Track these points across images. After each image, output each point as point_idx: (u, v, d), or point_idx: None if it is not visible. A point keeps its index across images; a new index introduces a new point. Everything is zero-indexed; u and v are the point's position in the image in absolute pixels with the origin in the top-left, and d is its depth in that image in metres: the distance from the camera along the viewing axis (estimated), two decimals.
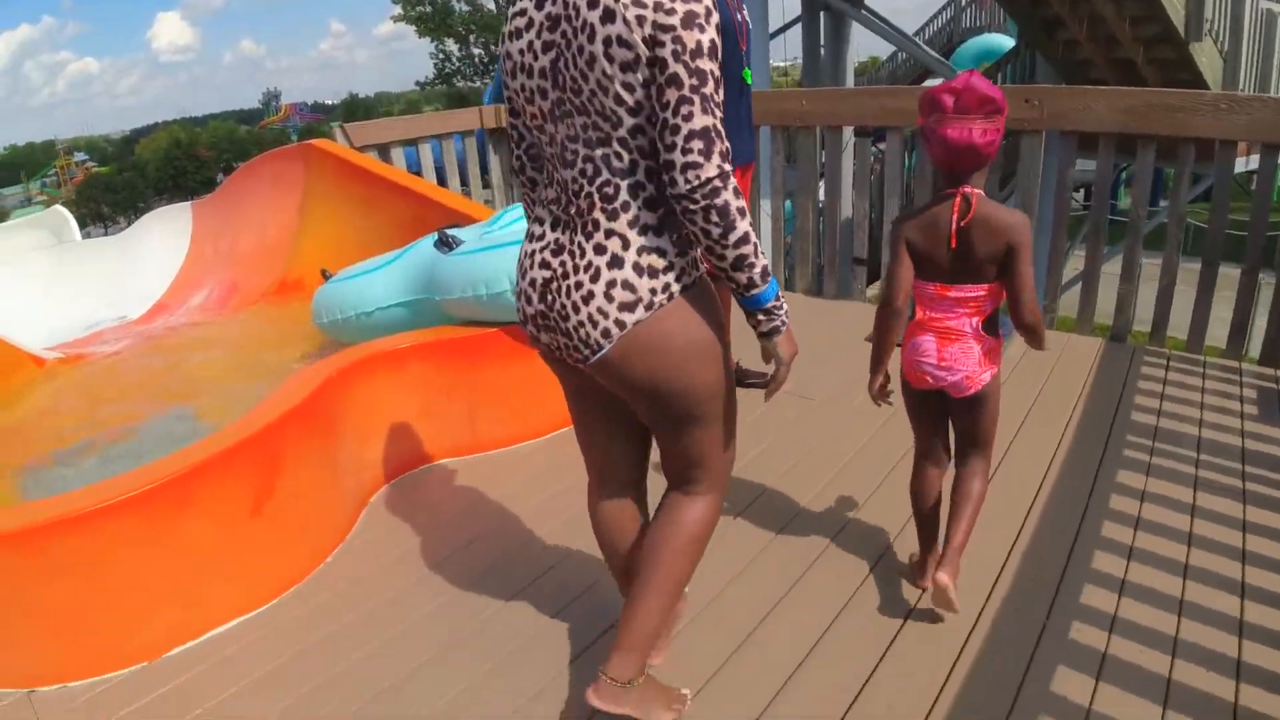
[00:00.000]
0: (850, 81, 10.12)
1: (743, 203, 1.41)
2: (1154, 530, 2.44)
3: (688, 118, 1.34)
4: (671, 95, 1.34)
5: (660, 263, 1.46)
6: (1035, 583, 2.24)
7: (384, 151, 5.27)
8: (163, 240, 5.68)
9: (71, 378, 4.14)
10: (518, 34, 1.47)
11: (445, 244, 3.13)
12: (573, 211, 1.48)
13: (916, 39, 17.40)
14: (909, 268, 1.98)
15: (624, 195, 1.44)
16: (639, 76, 1.35)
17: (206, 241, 5.52)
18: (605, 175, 1.44)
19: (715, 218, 1.37)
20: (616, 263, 1.44)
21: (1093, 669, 1.93)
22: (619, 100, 1.37)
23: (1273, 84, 8.37)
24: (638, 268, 1.44)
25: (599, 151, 1.43)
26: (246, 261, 5.15)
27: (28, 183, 59.20)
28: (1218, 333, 3.76)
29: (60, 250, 5.75)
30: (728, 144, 1.39)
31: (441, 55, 33.91)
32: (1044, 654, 1.99)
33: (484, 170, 6.04)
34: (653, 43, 1.32)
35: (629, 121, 1.39)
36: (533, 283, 1.55)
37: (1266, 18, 8.07)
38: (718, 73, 1.37)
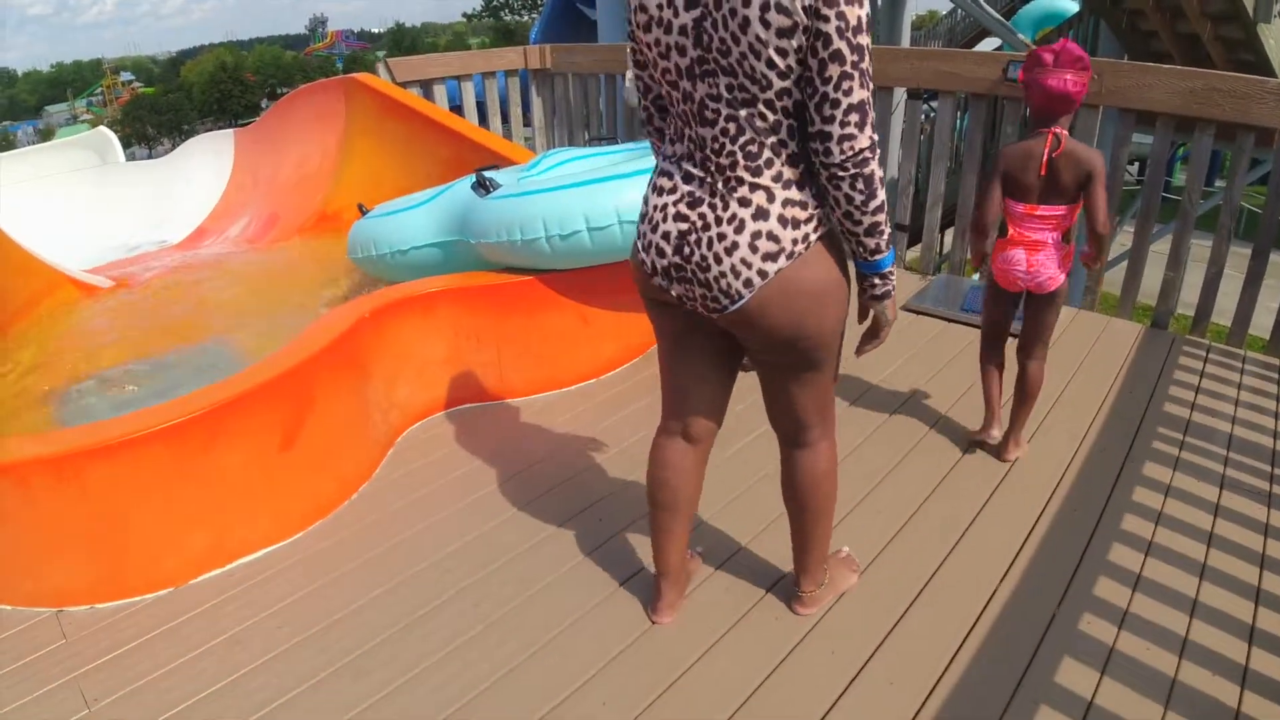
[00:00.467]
0: (906, 38, 9.86)
1: (883, 172, 1.50)
2: (1175, 527, 2.42)
3: (848, 93, 1.39)
4: (834, 70, 1.37)
5: (801, 214, 1.51)
6: (1049, 570, 2.23)
7: (427, 87, 5.25)
8: (205, 166, 5.73)
9: (110, 304, 4.20)
10: None
11: (483, 186, 3.12)
12: (711, 167, 1.52)
13: None
14: (999, 190, 2.46)
15: (767, 153, 1.48)
16: (794, 43, 1.37)
17: (247, 170, 5.56)
18: (749, 134, 1.47)
19: (861, 185, 1.45)
20: (761, 215, 1.50)
21: (1099, 663, 1.93)
22: (770, 64, 1.39)
23: None
24: (781, 219, 1.50)
25: (743, 111, 1.46)
26: (286, 192, 5.18)
27: (73, 101, 59.64)
28: (1264, 321, 3.69)
29: (104, 171, 5.81)
30: (874, 114, 1.45)
31: None
32: (1051, 643, 1.99)
33: (525, 109, 6.00)
34: (813, 14, 1.34)
35: (778, 85, 1.42)
36: (666, 235, 1.59)
37: None
38: (870, 45, 1.41)
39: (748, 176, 1.50)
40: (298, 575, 2.29)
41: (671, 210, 1.58)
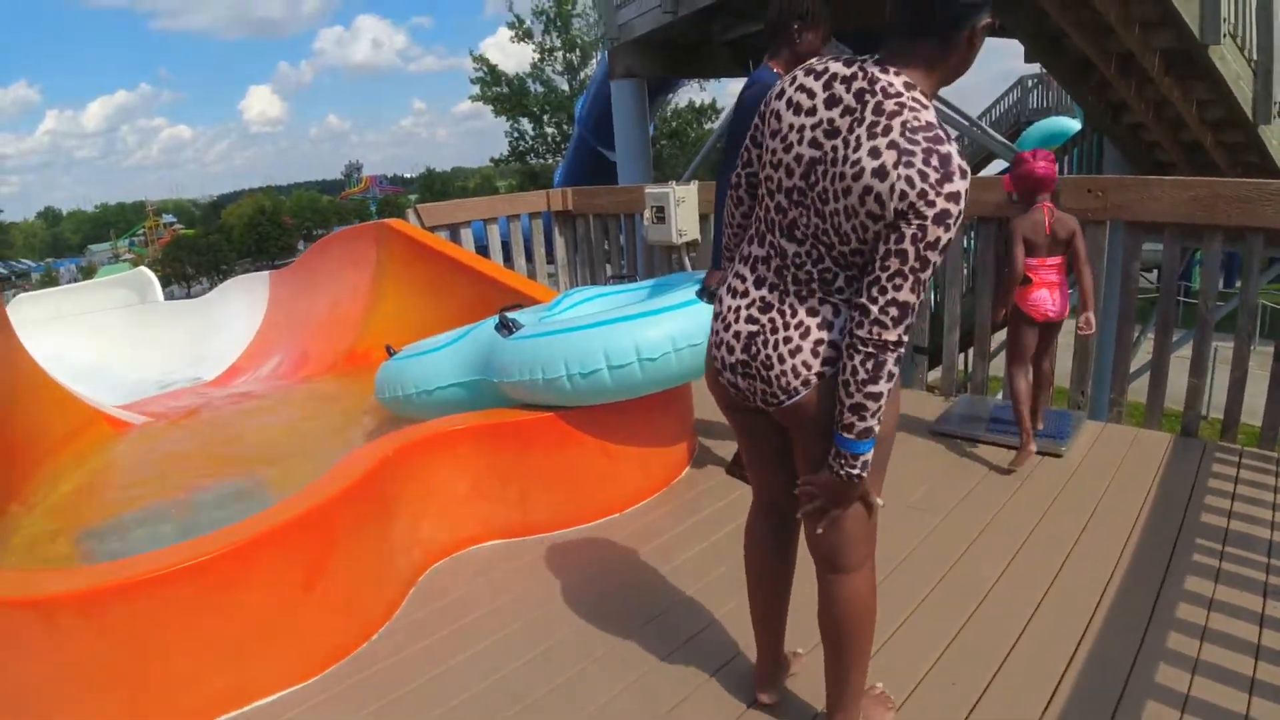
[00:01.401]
0: None
1: (897, 371, 1.59)
2: (1221, 641, 2.33)
3: (897, 288, 1.51)
4: (893, 265, 1.50)
5: None
6: (1095, 697, 2.15)
7: (454, 230, 5.46)
8: (240, 306, 5.93)
9: (143, 441, 4.29)
10: (796, 109, 1.61)
11: (505, 327, 3.21)
12: (788, 278, 1.66)
13: (983, 120, 17.46)
14: (1022, 249, 3.35)
15: (840, 282, 1.62)
16: (876, 228, 1.50)
17: (281, 310, 5.74)
18: (827, 263, 1.61)
19: (871, 366, 1.54)
20: (827, 326, 1.63)
21: None
22: (855, 230, 1.53)
23: None
24: (843, 332, 1.61)
25: (823, 247, 1.60)
26: (319, 332, 5.33)
27: (116, 240, 62.10)
28: None
29: (142, 309, 6.03)
30: (914, 319, 1.58)
31: (516, 133, 34.98)
32: None
33: (549, 248, 6.20)
34: (900, 215, 1.47)
35: (855, 245, 1.55)
36: (737, 335, 1.73)
37: None
38: (939, 262, 1.53)
39: (820, 292, 1.63)
40: (316, 718, 2.24)
41: (744, 313, 1.72)
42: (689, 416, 3.71)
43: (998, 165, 17.53)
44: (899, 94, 1.51)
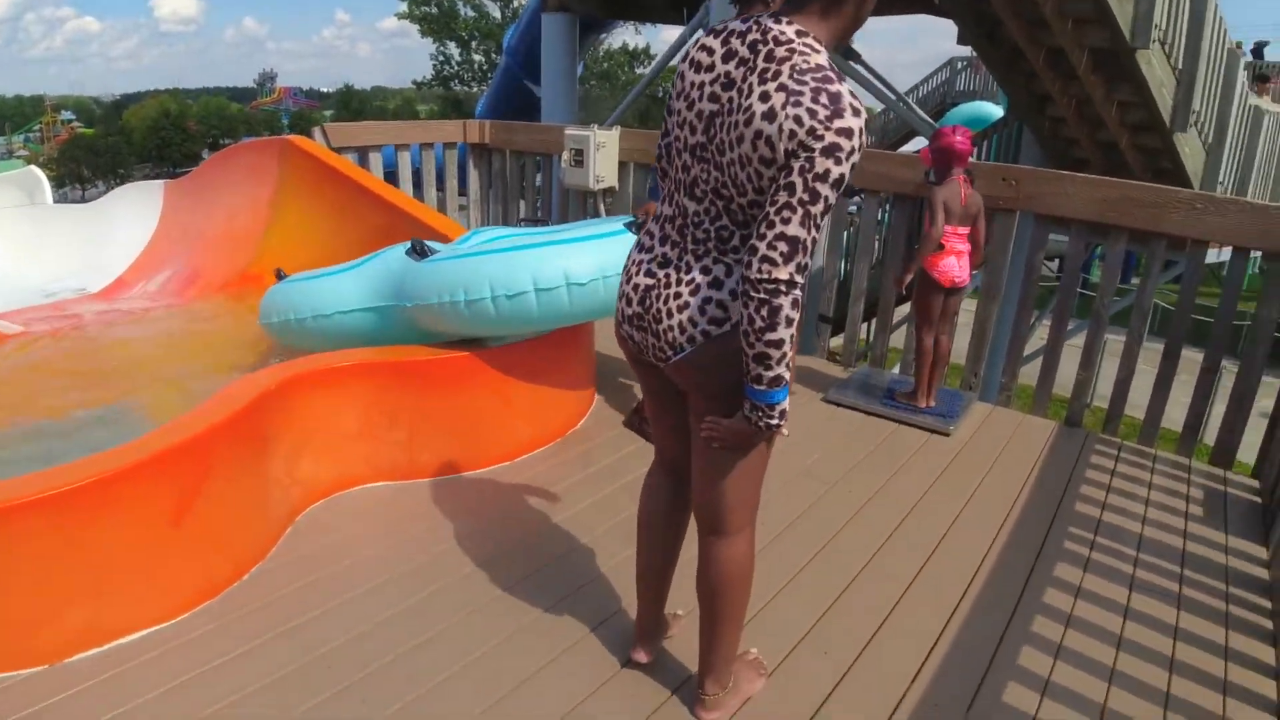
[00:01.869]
0: None
1: (795, 315, 1.54)
2: (1085, 629, 2.42)
3: (785, 221, 1.49)
4: (781, 197, 1.50)
5: None
6: (960, 674, 2.21)
7: (363, 153, 5.23)
8: (131, 216, 5.58)
9: (15, 354, 4.02)
10: (697, 67, 1.64)
11: (419, 252, 3.08)
12: (688, 236, 1.68)
13: (910, 98, 17.66)
14: (944, 217, 3.47)
15: (735, 240, 1.63)
16: (769, 172, 1.52)
17: (175, 223, 5.43)
18: (724, 220, 1.63)
19: (765, 313, 1.52)
20: (717, 285, 1.64)
21: None
22: (750, 179, 1.54)
23: (1253, 178, 8.51)
24: (733, 293, 1.63)
25: (721, 202, 1.62)
26: (211, 249, 5.06)
27: (10, 135, 58.15)
28: (1176, 415, 3.80)
29: (29, 211, 5.64)
30: (810, 260, 1.54)
31: (442, 58, 33.88)
32: None
33: (462, 182, 6.01)
34: (791, 155, 1.48)
35: (751, 196, 1.56)
36: (635, 287, 1.76)
37: (1253, 114, 8.21)
38: (833, 200, 1.52)
39: (714, 252, 1.65)
40: (178, 661, 2.13)
41: (645, 267, 1.75)
42: (590, 365, 3.65)
43: (919, 142, 17.84)
44: (790, 40, 1.52)
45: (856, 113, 1.48)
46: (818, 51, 1.53)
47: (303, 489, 2.77)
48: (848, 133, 1.46)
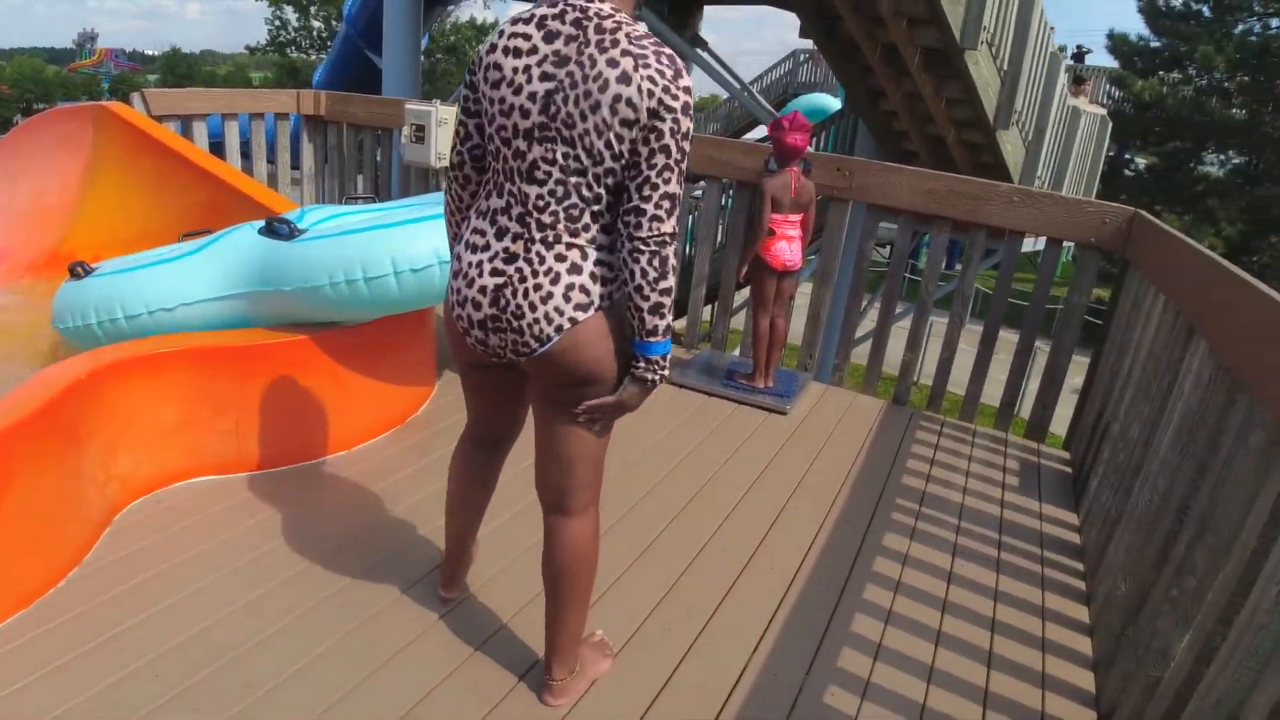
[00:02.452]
0: None
1: (676, 263, 1.67)
2: (912, 595, 2.56)
3: (666, 181, 1.61)
4: (659, 159, 1.60)
5: (609, 274, 1.69)
6: (797, 645, 2.29)
7: (187, 123, 4.90)
8: None
9: None
10: (516, 53, 1.63)
11: (284, 230, 2.88)
12: (531, 223, 1.67)
13: (754, 87, 18.11)
14: (770, 207, 3.63)
15: (586, 218, 1.66)
16: (631, 134, 1.58)
17: None
18: (573, 199, 1.65)
19: (657, 264, 1.63)
20: (575, 270, 1.66)
21: None
22: (608, 145, 1.59)
23: (1069, 174, 9.22)
24: (593, 276, 1.67)
25: (572, 179, 1.63)
26: (19, 226, 4.60)
27: None
28: (994, 393, 4.07)
29: None
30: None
31: (278, 22, 32.13)
32: (798, 717, 2.02)
33: (296, 157, 5.72)
34: (653, 114, 1.56)
35: (609, 163, 1.61)
36: (483, 289, 1.71)
37: (1071, 114, 8.87)
38: (689, 151, 1.64)
39: (566, 236, 1.66)
40: None
41: (488, 266, 1.70)
42: (431, 349, 3.55)
43: (761, 131, 18.37)
44: (611, 14, 1.61)
45: (687, 70, 1.63)
46: (638, 21, 1.65)
47: (121, 486, 2.56)
48: (689, 90, 1.60)
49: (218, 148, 4.96)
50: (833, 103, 16.58)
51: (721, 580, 2.54)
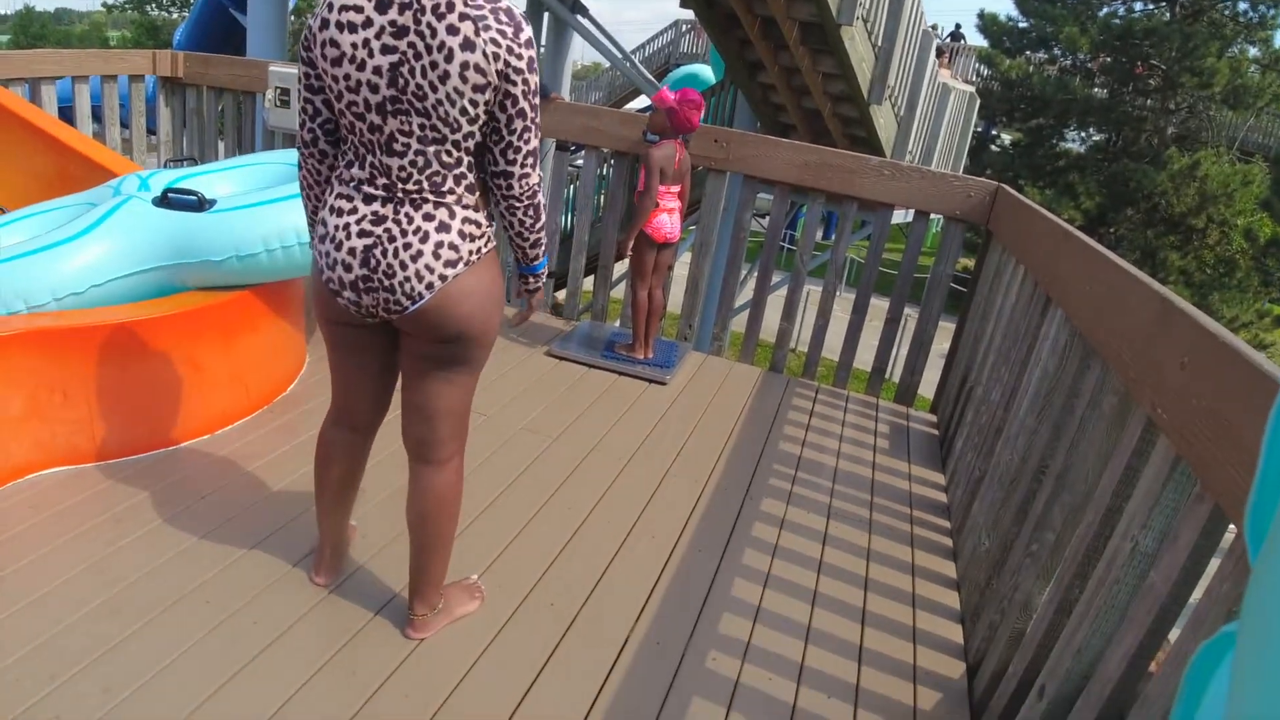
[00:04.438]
0: (567, 87, 10.24)
1: (544, 199, 1.84)
2: (789, 558, 2.64)
3: (527, 141, 1.71)
4: (518, 124, 1.68)
5: (476, 231, 1.76)
6: (678, 612, 2.33)
7: (34, 86, 4.55)
8: None
9: None
10: (350, 28, 1.60)
11: (190, 203, 2.84)
12: (397, 192, 1.70)
13: (636, 55, 18.06)
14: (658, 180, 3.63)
15: (450, 182, 1.71)
16: (484, 98, 1.62)
17: None
18: (435, 167, 1.68)
19: (533, 212, 1.81)
20: (444, 229, 1.71)
21: (725, 698, 2.04)
22: (464, 111, 1.62)
23: (938, 148, 9.55)
24: (461, 234, 1.73)
25: (431, 148, 1.66)
26: None
27: None
28: (867, 358, 4.21)
29: None
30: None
31: None
32: (681, 685, 2.06)
33: (152, 122, 5.39)
34: (503, 77, 1.61)
35: (466, 129, 1.65)
36: (352, 251, 1.72)
37: (941, 91, 9.18)
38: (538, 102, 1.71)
39: (432, 198, 1.70)
40: None
41: (355, 229, 1.72)
42: (299, 324, 3.40)
43: (643, 101, 18.36)
44: None
45: (526, 20, 1.65)
46: None
47: None
48: (531, 43, 1.65)
49: (70, 112, 4.63)
50: (709, 77, 16.70)
51: (604, 552, 2.55)
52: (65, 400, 2.54)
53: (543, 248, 1.91)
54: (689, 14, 8.84)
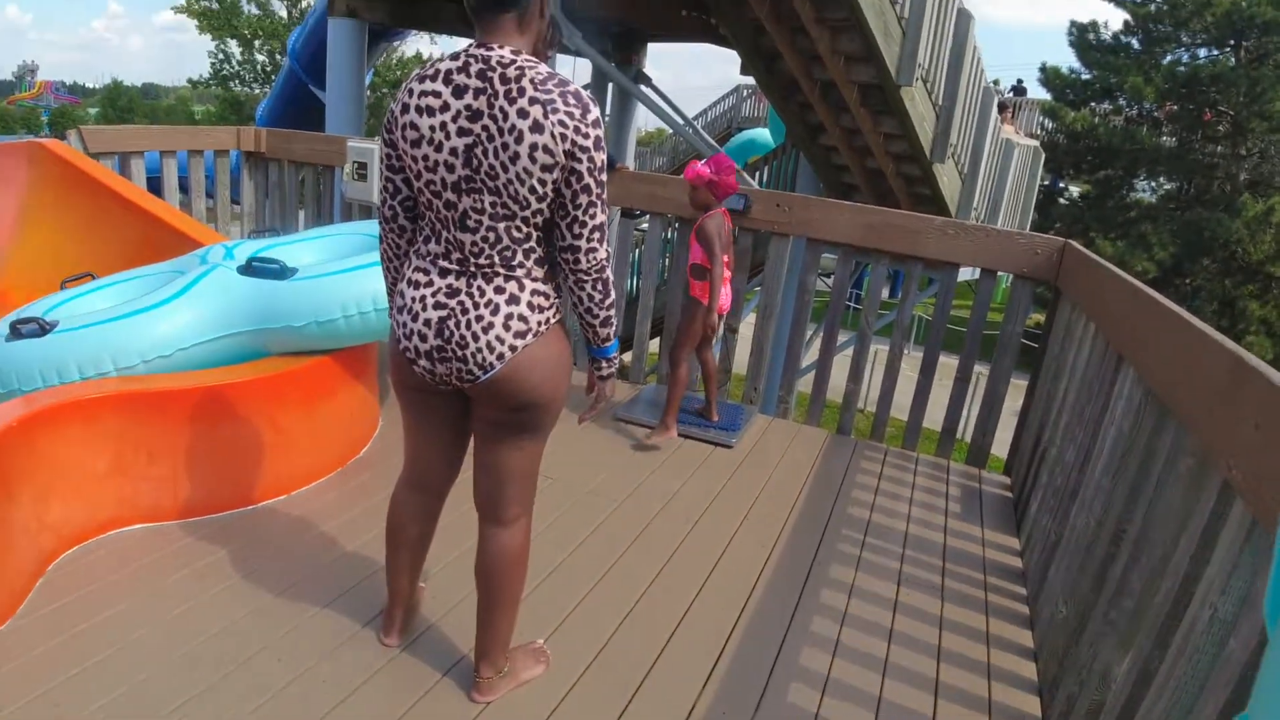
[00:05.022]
0: (631, 154, 10.44)
1: (614, 277, 1.87)
2: (859, 626, 2.58)
3: (593, 216, 1.76)
4: (584, 199, 1.73)
5: (544, 302, 1.83)
6: (745, 680, 2.29)
7: (124, 158, 4.83)
8: None
9: None
10: (429, 111, 1.70)
11: (273, 271, 2.99)
12: (470, 266, 1.78)
13: (699, 120, 18.37)
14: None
15: (519, 256, 1.78)
16: (552, 176, 1.69)
17: None
18: (505, 242, 1.76)
19: (601, 287, 1.83)
20: (514, 301, 1.78)
21: None
22: (533, 190, 1.69)
23: (1004, 205, 9.45)
24: (530, 305, 1.80)
25: (502, 224, 1.73)
26: None
27: None
28: (938, 417, 4.14)
29: None
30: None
31: (221, 55, 31.74)
32: None
33: (236, 193, 5.65)
34: (570, 156, 1.68)
35: (535, 205, 1.72)
36: (428, 322, 1.80)
37: (1004, 147, 9.12)
38: (605, 179, 1.77)
39: (503, 272, 1.77)
40: None
41: (431, 300, 1.80)
42: (374, 388, 3.51)
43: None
44: (512, 60, 1.68)
45: (594, 101, 1.71)
46: (540, 64, 1.72)
47: (54, 535, 2.47)
48: (598, 122, 1.71)
49: (157, 183, 4.89)
50: (769, 141, 16.86)
51: (669, 617, 2.53)
52: (150, 460, 2.65)
53: (613, 327, 1.92)
54: (750, 79, 8.97)
